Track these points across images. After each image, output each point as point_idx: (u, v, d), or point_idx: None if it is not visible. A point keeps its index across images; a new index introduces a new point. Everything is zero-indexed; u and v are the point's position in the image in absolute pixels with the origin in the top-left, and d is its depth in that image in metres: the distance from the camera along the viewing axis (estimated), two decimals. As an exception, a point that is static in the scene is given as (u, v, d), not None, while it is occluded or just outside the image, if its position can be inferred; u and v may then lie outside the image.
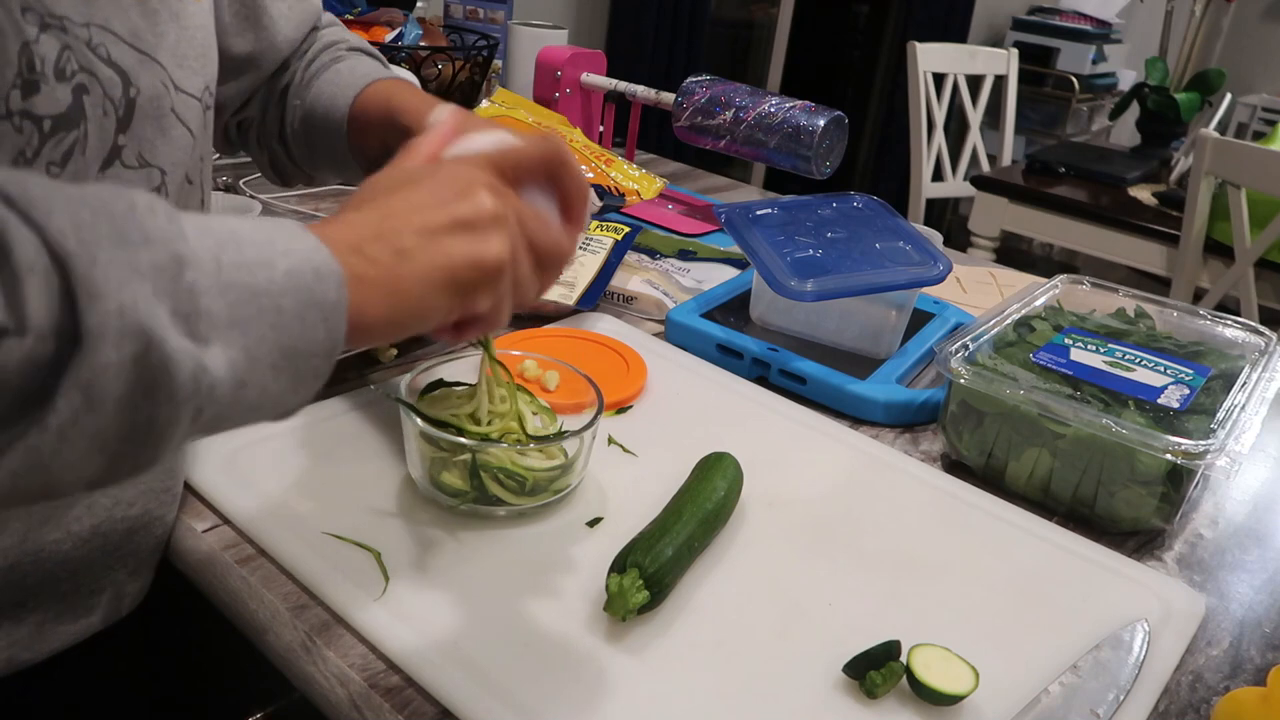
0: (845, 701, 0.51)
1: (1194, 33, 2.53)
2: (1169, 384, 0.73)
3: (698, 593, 0.58)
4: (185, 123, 0.55)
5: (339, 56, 0.74)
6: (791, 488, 0.69)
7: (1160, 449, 0.64)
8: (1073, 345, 0.78)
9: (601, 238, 0.99)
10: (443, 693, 0.49)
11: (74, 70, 0.46)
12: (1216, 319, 0.86)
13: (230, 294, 0.36)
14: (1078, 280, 0.92)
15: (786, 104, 1.18)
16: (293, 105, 0.72)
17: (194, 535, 0.60)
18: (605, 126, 1.40)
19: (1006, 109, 2.83)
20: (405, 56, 1.34)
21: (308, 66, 0.73)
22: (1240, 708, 0.50)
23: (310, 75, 0.72)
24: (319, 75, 0.72)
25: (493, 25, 1.72)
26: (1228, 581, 0.67)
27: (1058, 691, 0.53)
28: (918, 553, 0.64)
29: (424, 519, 0.61)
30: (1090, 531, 0.69)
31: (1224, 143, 1.88)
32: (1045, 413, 0.69)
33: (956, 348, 0.74)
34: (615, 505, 0.65)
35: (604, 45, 3.12)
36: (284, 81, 0.73)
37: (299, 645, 0.53)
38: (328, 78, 0.71)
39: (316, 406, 0.71)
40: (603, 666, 0.52)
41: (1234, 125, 4.01)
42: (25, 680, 0.56)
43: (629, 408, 0.77)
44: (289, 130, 0.73)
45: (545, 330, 0.87)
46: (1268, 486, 0.81)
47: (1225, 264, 1.99)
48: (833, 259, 0.86)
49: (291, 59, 0.73)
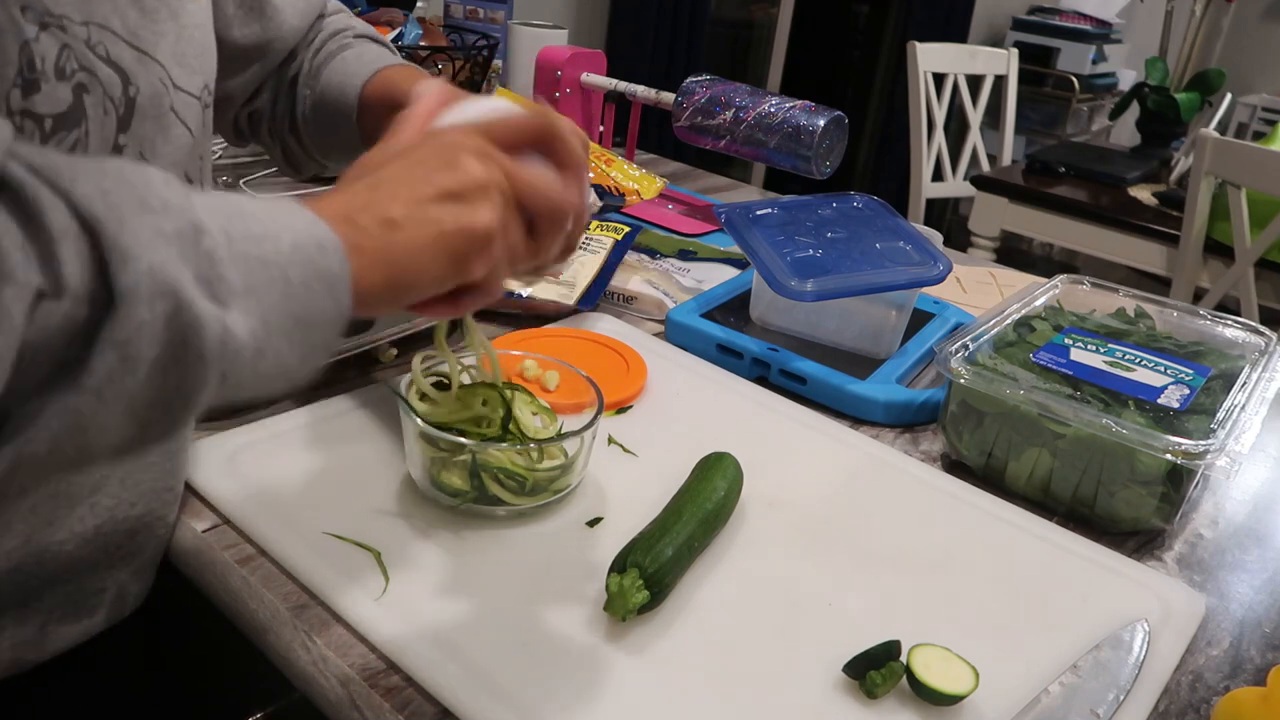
0: (845, 701, 0.51)
1: (1194, 33, 2.53)
2: (1169, 384, 0.73)
3: (698, 593, 0.58)
4: (184, 121, 0.55)
5: (347, 44, 0.74)
6: (791, 488, 0.69)
7: (1160, 449, 0.64)
8: (1073, 345, 0.78)
9: (601, 238, 0.99)
10: (443, 692, 0.49)
11: (74, 69, 0.46)
12: (1216, 319, 0.86)
13: (242, 264, 0.37)
14: (1078, 280, 0.92)
15: (786, 104, 1.18)
16: (303, 94, 0.72)
17: (194, 535, 0.60)
18: (605, 126, 1.40)
19: (1006, 109, 2.83)
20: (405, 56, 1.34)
21: (315, 55, 0.73)
22: (1240, 708, 0.50)
23: (319, 63, 0.72)
24: (328, 63, 0.72)
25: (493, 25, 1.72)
26: (1228, 581, 0.67)
27: (1058, 691, 0.53)
28: (918, 553, 0.64)
29: (424, 519, 0.61)
30: (1090, 531, 0.69)
31: (1224, 143, 1.88)
32: (1045, 413, 0.69)
33: (956, 348, 0.74)
34: (615, 505, 0.65)
35: (604, 45, 3.12)
36: (292, 71, 0.73)
37: (299, 645, 0.53)
38: (336, 65, 0.71)
39: (317, 406, 0.71)
40: (603, 666, 0.52)
41: (1234, 125, 4.01)
42: (27, 680, 0.56)
43: (629, 408, 0.77)
44: (300, 119, 0.73)
45: (545, 330, 0.87)
46: (1268, 486, 0.81)
47: (1225, 264, 1.99)
48: (833, 259, 0.86)
49: (299, 48, 0.73)
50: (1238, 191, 1.88)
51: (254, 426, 0.68)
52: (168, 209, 0.35)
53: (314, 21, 0.74)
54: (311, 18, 0.74)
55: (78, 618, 0.57)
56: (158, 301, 0.33)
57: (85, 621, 0.58)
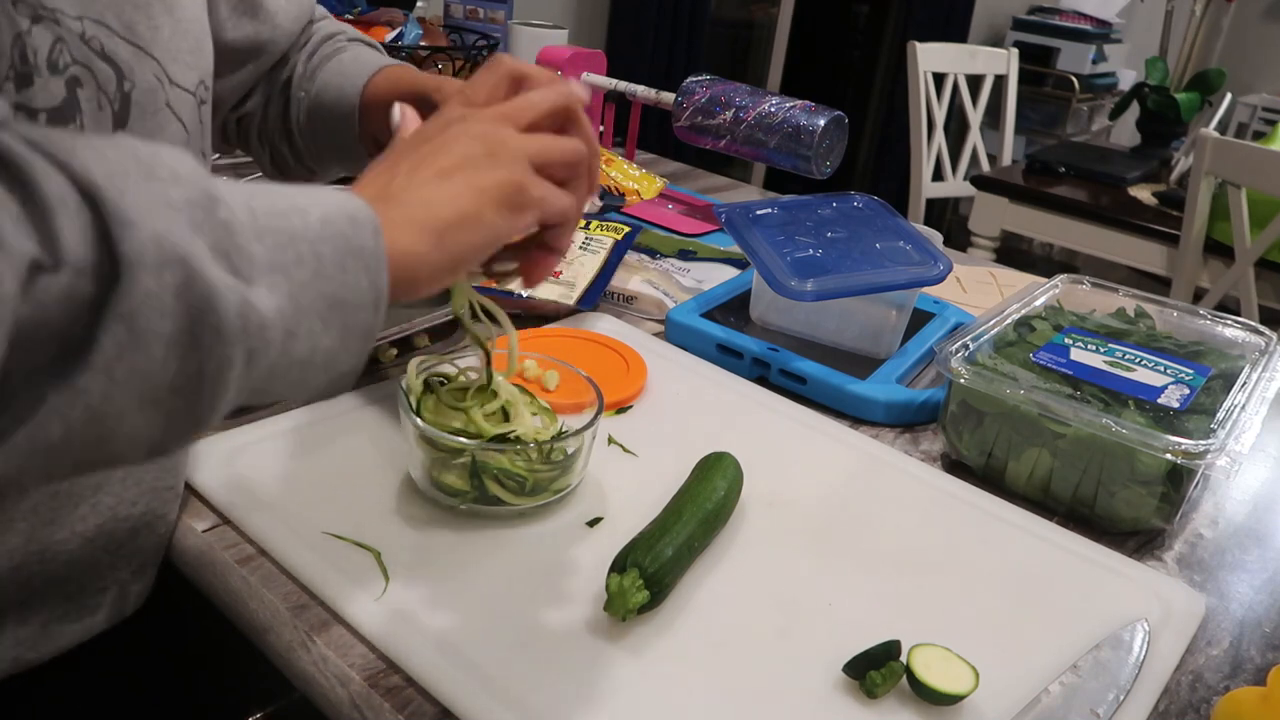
0: (845, 701, 0.51)
1: (1194, 32, 2.53)
2: (1169, 384, 0.73)
3: (698, 593, 0.58)
4: (180, 118, 0.54)
5: (341, 47, 0.74)
6: (791, 488, 0.69)
7: (1161, 449, 0.64)
8: (1073, 345, 0.78)
9: (601, 237, 0.99)
10: (443, 692, 0.49)
11: (67, 63, 0.46)
12: (1216, 319, 0.86)
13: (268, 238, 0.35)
14: (1078, 280, 0.92)
15: (786, 104, 1.18)
16: (297, 97, 0.72)
17: (194, 535, 0.60)
18: (605, 126, 1.40)
19: (1006, 109, 2.83)
20: (405, 56, 1.34)
21: (310, 58, 0.73)
22: (1240, 707, 0.50)
23: (314, 66, 0.72)
24: (323, 66, 0.72)
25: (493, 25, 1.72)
26: (1228, 581, 0.67)
27: (1058, 691, 0.53)
28: (918, 553, 0.64)
29: (424, 519, 0.61)
30: (1090, 531, 0.69)
31: (1224, 143, 1.88)
32: (1045, 413, 0.69)
33: (957, 348, 0.74)
34: (615, 505, 0.65)
35: (604, 45, 3.11)
36: (285, 74, 0.73)
37: (299, 645, 0.53)
38: (333, 68, 0.71)
39: (317, 406, 0.71)
40: (603, 666, 0.52)
41: (1234, 125, 4.01)
42: (27, 681, 0.56)
43: (629, 408, 0.77)
44: (294, 123, 0.73)
45: (545, 330, 0.87)
46: (1268, 486, 0.81)
47: (1225, 264, 1.99)
48: (833, 259, 0.86)
49: (291, 51, 0.73)
50: (1238, 191, 1.88)
51: (254, 426, 0.68)
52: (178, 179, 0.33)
53: (305, 25, 0.74)
54: (304, 21, 0.74)
55: (79, 617, 0.57)
56: (165, 272, 0.31)
57: (87, 621, 0.58)
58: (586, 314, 0.92)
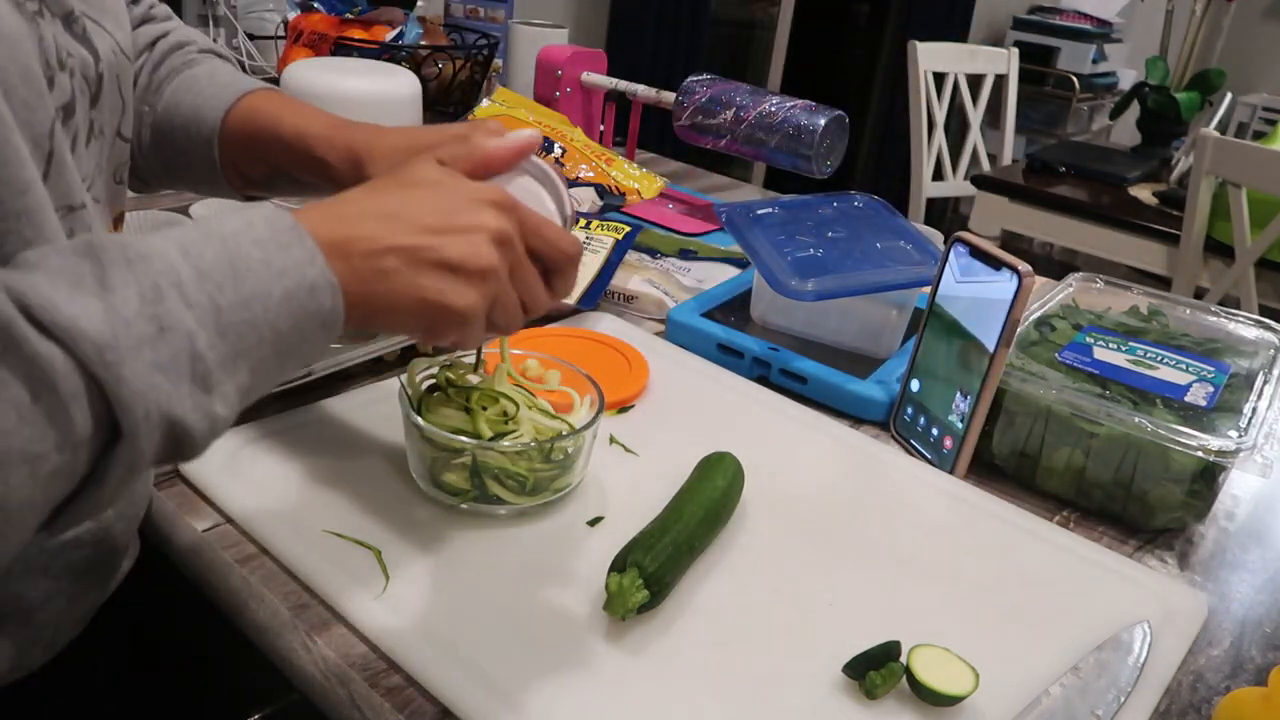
0: (845, 701, 0.51)
1: (1194, 32, 2.53)
2: (1193, 381, 0.74)
3: (698, 593, 0.58)
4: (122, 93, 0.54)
5: (191, 60, 0.66)
6: (792, 488, 0.69)
7: (1195, 447, 0.65)
8: (1095, 344, 0.79)
9: (602, 237, 0.99)
10: (443, 691, 0.49)
11: (67, 56, 0.46)
12: (1228, 316, 0.86)
13: (231, 334, 0.39)
14: (1090, 279, 0.92)
15: (787, 103, 1.18)
16: (140, 110, 0.64)
17: (194, 535, 0.59)
18: (606, 126, 1.40)
19: (1007, 108, 2.83)
20: (405, 56, 1.34)
21: (155, 69, 0.65)
22: (1241, 708, 0.50)
23: (160, 79, 0.64)
24: (171, 79, 0.64)
25: (493, 24, 1.72)
26: (1228, 581, 0.67)
27: (1058, 693, 0.53)
28: (918, 553, 0.64)
29: (424, 518, 0.61)
30: (1118, 529, 0.70)
31: (1224, 142, 1.88)
32: (1078, 412, 0.69)
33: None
34: (616, 504, 0.65)
35: (604, 44, 3.11)
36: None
37: (299, 645, 0.53)
38: (184, 85, 0.64)
39: (317, 406, 0.71)
40: (603, 666, 0.52)
41: (1234, 125, 4.01)
42: (27, 680, 0.56)
43: (630, 407, 0.77)
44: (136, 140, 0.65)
45: (546, 329, 0.87)
46: (1268, 486, 0.81)
47: (1225, 263, 1.99)
48: (833, 258, 0.86)
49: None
50: (1238, 191, 1.88)
51: (254, 426, 0.68)
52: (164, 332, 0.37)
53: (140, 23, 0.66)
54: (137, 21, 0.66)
55: None
56: (156, 433, 0.37)
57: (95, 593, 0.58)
58: (587, 313, 0.92)
